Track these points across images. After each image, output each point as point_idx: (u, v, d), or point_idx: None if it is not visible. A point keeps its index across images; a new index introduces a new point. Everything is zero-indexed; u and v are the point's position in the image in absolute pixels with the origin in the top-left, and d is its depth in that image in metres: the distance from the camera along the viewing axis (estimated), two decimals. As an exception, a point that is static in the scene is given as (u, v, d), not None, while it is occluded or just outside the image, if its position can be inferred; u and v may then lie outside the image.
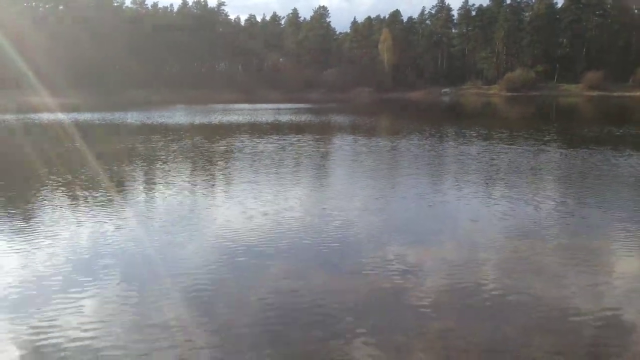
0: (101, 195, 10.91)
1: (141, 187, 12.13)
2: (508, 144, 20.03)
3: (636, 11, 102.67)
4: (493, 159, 16.06)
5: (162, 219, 8.93)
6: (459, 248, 7.14)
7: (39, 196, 10.94)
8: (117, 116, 38.79)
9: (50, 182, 12.44)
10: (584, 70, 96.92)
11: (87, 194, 11.04)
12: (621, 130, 26.12)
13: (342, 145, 20.61)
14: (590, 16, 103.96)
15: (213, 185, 12.40)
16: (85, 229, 8.29)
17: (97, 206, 9.90)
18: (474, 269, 6.28)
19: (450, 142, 21.30)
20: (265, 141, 21.36)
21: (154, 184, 12.51)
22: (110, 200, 10.42)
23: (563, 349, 4.36)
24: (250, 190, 11.33)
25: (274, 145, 20.05)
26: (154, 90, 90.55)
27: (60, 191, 11.39)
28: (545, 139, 22.18)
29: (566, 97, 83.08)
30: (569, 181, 12.75)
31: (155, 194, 11.30)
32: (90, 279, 6.04)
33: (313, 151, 18.64)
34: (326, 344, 4.44)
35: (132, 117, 37.45)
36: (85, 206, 9.93)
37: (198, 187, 12.10)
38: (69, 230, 8.17)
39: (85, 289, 5.75)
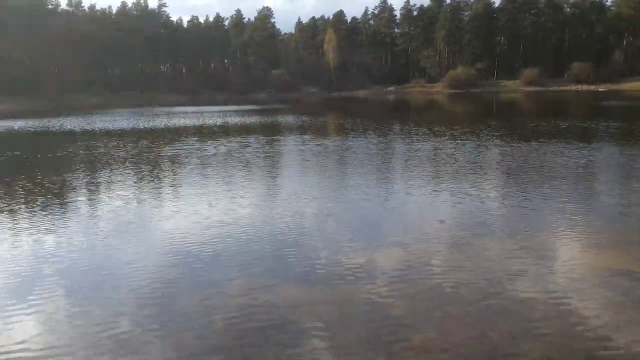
0: (42, 205, 10.11)
1: (84, 197, 11.31)
2: (462, 140, 20.21)
3: (568, 10, 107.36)
4: (450, 156, 16.10)
5: (107, 229, 8.31)
6: (427, 250, 6.91)
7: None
8: (55, 122, 36.86)
9: (-16, 195, 11.46)
10: (522, 67, 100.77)
11: (28, 205, 10.20)
12: (567, 123, 27.03)
13: (294, 146, 20.22)
14: (525, 15, 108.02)
15: (161, 192, 11.75)
16: (26, 241, 7.60)
17: (38, 217, 9.14)
18: (447, 272, 6.05)
19: (401, 140, 21.30)
20: (213, 145, 20.69)
21: (98, 193, 11.73)
22: (52, 211, 9.64)
23: (553, 355, 4.16)
24: (201, 196, 10.80)
25: (224, 148, 19.44)
26: (94, 93, 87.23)
27: (-3, 204, 10.48)
28: (497, 133, 22.57)
29: (506, 93, 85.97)
30: (529, 174, 12.85)
31: (100, 203, 10.56)
32: (32, 294, 5.52)
33: (264, 154, 18.17)
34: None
35: (72, 123, 35.67)
36: (26, 217, 9.16)
37: (146, 195, 11.42)
38: (7, 243, 7.50)
39: (26, 304, 5.24)
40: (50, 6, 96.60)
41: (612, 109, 41.42)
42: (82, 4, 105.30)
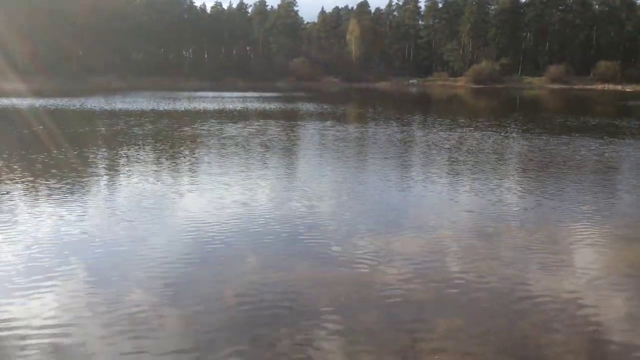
0: (64, 184, 10.04)
1: (105, 176, 11.21)
2: (495, 132, 19.79)
3: (597, 7, 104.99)
4: (485, 147, 15.72)
5: (125, 206, 8.21)
6: (451, 236, 6.65)
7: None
8: (76, 102, 37.10)
9: (8, 172, 11.45)
10: (547, 63, 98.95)
11: (48, 182, 10.14)
12: (596, 120, 26.48)
13: (315, 131, 19.96)
14: (553, 11, 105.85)
15: (180, 173, 11.62)
16: (47, 219, 7.47)
17: (56, 193, 9.06)
18: (472, 261, 5.78)
19: (432, 130, 20.94)
20: (234, 127, 20.54)
21: (117, 170, 11.64)
22: (73, 190, 9.54)
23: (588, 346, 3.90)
24: (219, 178, 10.63)
25: (244, 131, 19.27)
26: (118, 76, 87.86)
27: (19, 180, 10.42)
28: (524, 127, 22.09)
29: (530, 89, 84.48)
30: (559, 167, 12.47)
31: (118, 180, 10.46)
32: (50, 271, 5.37)
33: (284, 137, 17.95)
34: (306, 346, 3.86)
35: (93, 103, 35.84)
36: (44, 193, 9.09)
37: (165, 175, 11.29)
38: (29, 223, 7.32)
39: (48, 284, 5.07)
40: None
41: (638, 108, 40.43)
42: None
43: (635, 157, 14.54)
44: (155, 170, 11.59)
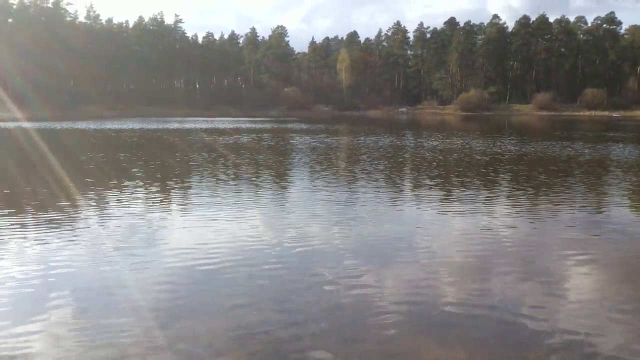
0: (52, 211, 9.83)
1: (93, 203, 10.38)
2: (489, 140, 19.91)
3: (582, 36, 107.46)
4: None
5: (117, 237, 7.18)
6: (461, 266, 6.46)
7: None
8: (65, 124, 37.00)
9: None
10: (534, 91, 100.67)
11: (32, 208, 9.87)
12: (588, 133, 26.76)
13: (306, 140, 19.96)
14: (538, 40, 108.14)
15: (171, 196, 11.40)
16: (33, 246, 6.65)
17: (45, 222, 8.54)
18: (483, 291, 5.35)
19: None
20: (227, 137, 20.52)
21: (106, 197, 10.63)
22: (60, 218, 8.59)
23: None
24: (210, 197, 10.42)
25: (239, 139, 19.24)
26: (109, 106, 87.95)
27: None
28: (514, 139, 22.26)
29: (518, 116, 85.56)
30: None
31: (109, 208, 9.25)
32: (41, 308, 4.74)
33: (275, 145, 17.94)
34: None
35: (83, 125, 35.77)
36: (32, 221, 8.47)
37: (158, 200, 10.91)
38: (15, 252, 6.44)
39: (35, 318, 4.49)
40: (68, 18, 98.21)
41: (627, 126, 40.97)
42: (100, 18, 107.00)
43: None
44: (149, 196, 11.42)
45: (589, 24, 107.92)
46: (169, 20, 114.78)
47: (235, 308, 4.64)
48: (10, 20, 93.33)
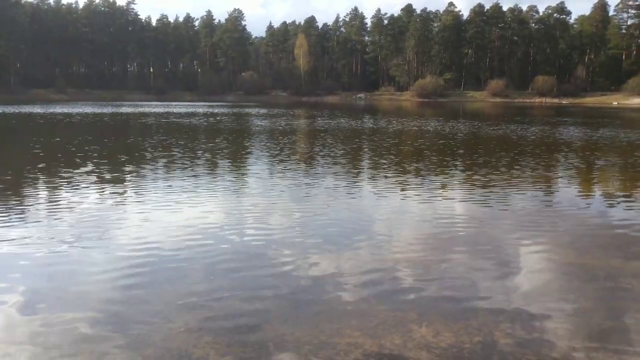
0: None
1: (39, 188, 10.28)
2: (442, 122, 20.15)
3: (533, 25, 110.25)
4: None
5: (67, 225, 6.76)
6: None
7: None
8: (13, 109, 35.40)
9: None
10: (488, 78, 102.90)
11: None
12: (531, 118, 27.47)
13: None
14: (492, 28, 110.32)
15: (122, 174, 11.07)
16: None
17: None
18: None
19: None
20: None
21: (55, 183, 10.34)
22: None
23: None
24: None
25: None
26: (58, 90, 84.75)
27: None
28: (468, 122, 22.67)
29: (472, 102, 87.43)
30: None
31: (57, 194, 8.75)
32: None
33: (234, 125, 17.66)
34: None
35: (32, 109, 34.31)
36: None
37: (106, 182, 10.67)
38: None
39: None
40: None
41: (575, 112, 42.44)
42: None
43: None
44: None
45: (541, 13, 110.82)
46: (120, 1, 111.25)
47: (191, 295, 4.50)
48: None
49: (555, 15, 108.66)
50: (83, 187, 9.17)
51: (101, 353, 3.50)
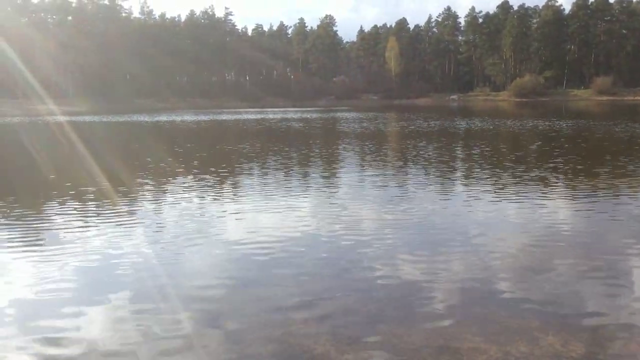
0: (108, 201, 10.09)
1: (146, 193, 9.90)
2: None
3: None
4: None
5: (172, 225, 7.20)
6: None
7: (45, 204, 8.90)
8: (126, 117, 38.28)
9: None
10: (593, 75, 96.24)
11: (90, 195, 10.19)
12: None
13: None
14: (597, 22, 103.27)
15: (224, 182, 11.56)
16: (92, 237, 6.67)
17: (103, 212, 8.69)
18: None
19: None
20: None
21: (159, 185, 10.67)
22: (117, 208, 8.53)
23: None
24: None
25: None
26: (162, 99, 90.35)
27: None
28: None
29: (576, 101, 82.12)
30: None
31: (162, 196, 9.45)
32: (99, 295, 4.74)
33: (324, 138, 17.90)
34: None
35: (140, 118, 36.90)
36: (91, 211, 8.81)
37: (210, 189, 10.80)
38: (75, 240, 6.51)
39: (93, 305, 4.50)
40: (124, 14, 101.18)
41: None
42: (154, 13, 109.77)
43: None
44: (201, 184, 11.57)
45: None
46: (219, 13, 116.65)
47: (304, 294, 4.62)
48: (69, 17, 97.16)
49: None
50: (195, 190, 9.71)
51: (226, 347, 3.69)
